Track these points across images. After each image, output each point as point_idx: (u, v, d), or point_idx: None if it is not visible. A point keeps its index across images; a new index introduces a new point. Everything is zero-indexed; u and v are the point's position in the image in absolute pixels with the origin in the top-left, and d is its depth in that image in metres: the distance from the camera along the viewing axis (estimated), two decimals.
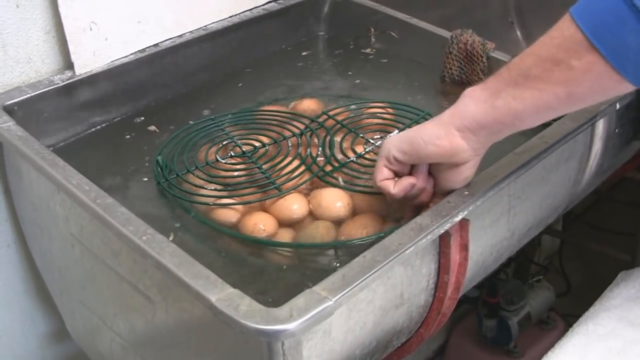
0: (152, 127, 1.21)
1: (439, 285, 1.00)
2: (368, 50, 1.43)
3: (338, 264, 0.95)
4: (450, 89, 1.31)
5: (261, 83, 1.34)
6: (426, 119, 1.17)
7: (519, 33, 1.73)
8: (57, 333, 1.36)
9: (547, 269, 2.01)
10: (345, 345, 0.89)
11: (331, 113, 1.20)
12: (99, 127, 1.21)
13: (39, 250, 1.18)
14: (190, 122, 1.19)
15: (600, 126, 1.18)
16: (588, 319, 1.21)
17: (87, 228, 0.99)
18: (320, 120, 1.18)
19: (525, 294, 1.80)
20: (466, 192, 0.96)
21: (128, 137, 1.20)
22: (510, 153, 1.03)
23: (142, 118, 1.23)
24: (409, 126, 1.16)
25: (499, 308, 1.77)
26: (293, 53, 1.43)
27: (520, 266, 1.97)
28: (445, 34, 1.31)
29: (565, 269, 2.04)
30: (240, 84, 1.33)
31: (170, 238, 0.99)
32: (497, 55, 1.26)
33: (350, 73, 1.37)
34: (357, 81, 1.35)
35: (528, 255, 1.97)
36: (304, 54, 1.43)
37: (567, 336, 1.19)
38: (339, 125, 1.17)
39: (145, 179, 1.10)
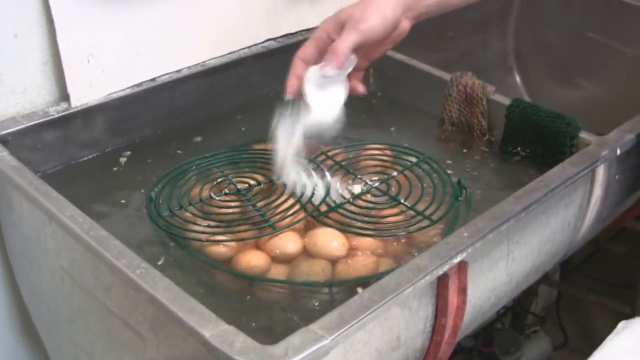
0: (146, 161, 1.20)
1: (436, 328, 0.98)
2: (367, 91, 1.42)
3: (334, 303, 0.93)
4: (448, 133, 1.30)
5: (257, 121, 1.31)
6: (427, 162, 1.16)
7: (517, 78, 1.73)
8: None
9: (544, 320, 1.99)
10: None
11: (330, 153, 1.19)
12: (91, 158, 1.20)
13: (26, 284, 1.16)
14: (184, 159, 1.18)
15: (601, 172, 1.18)
16: None
17: (79, 261, 0.97)
18: (318, 160, 1.17)
19: (522, 345, 1.79)
20: (465, 234, 0.95)
21: (120, 169, 1.18)
22: (510, 196, 1.02)
23: (136, 151, 1.22)
24: (408, 169, 1.15)
25: (495, 358, 1.75)
26: None
27: (516, 316, 1.95)
28: (445, 76, 1.31)
29: (562, 320, 2.02)
30: (236, 122, 1.32)
31: (160, 262, 0.99)
32: (497, 98, 1.25)
33: (347, 113, 1.36)
34: (354, 122, 1.33)
35: (525, 305, 1.95)
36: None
37: None
38: (337, 166, 1.16)
39: (137, 212, 1.09)
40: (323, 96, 1.07)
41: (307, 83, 1.05)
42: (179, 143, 1.25)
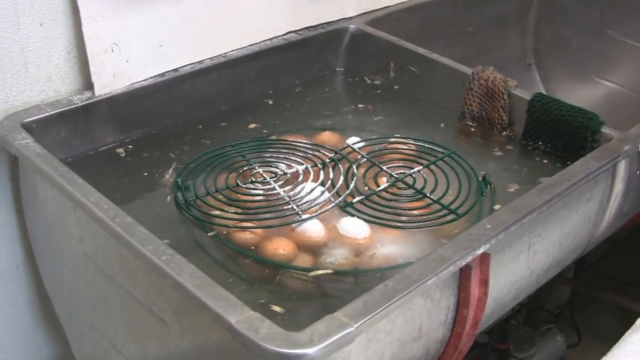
0: (168, 150, 1.20)
1: (458, 319, 0.99)
2: (387, 85, 1.42)
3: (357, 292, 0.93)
4: (469, 127, 1.30)
5: (279, 113, 1.33)
6: (452, 157, 1.17)
7: (537, 75, 1.73)
8: (61, 358, 1.33)
9: (559, 318, 1.98)
10: None
11: (355, 146, 1.19)
12: (113, 146, 1.20)
13: (49, 271, 1.16)
14: (207, 148, 1.19)
15: (622, 167, 1.17)
16: None
17: (103, 248, 0.97)
18: (344, 152, 1.18)
19: (536, 342, 1.77)
20: (488, 226, 0.95)
21: (143, 158, 1.19)
22: (532, 189, 1.02)
23: (158, 140, 1.23)
24: (434, 164, 1.15)
25: (509, 355, 1.74)
26: (311, 85, 1.43)
27: (531, 313, 1.94)
28: (466, 70, 1.31)
29: (576, 318, 2.01)
30: (257, 113, 1.32)
31: (184, 248, 0.97)
32: (519, 92, 1.25)
33: (368, 107, 1.36)
34: (375, 116, 1.34)
35: (539, 302, 1.94)
36: (322, 86, 1.43)
37: None
38: (362, 158, 1.17)
39: (162, 199, 1.09)
40: None
41: None
42: (201, 133, 1.25)
